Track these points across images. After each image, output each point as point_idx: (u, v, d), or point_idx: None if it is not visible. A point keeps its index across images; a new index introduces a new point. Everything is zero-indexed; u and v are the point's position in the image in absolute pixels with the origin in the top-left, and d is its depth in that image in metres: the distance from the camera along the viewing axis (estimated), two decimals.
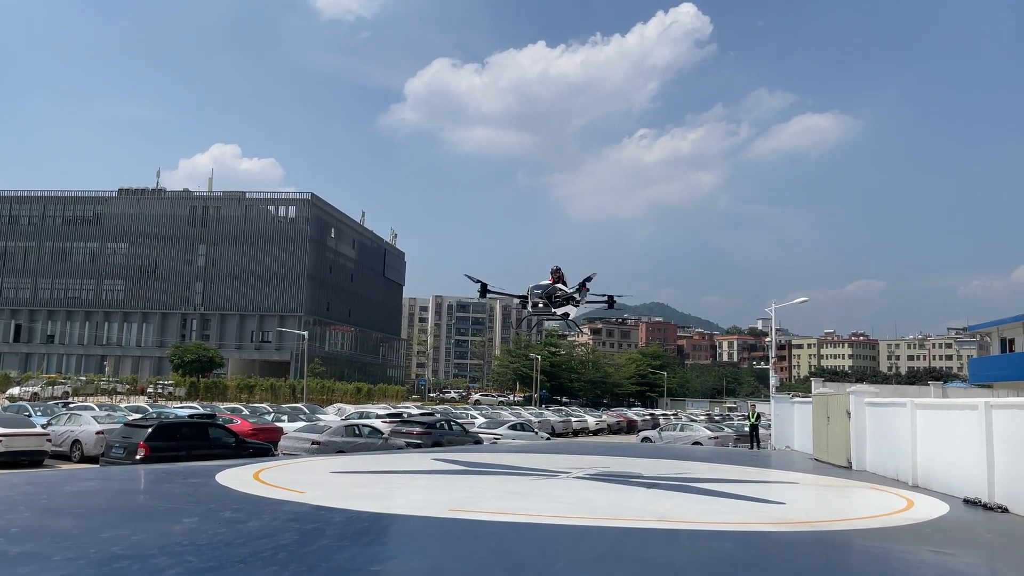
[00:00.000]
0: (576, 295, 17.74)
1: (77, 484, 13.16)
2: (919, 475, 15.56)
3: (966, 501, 12.83)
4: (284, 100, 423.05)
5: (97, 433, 22.93)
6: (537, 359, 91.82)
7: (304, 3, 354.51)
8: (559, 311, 17.86)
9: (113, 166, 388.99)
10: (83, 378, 68.84)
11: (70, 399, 51.98)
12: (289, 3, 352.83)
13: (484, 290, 17.91)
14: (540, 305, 17.59)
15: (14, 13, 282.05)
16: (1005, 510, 11.83)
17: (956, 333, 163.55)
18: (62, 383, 64.38)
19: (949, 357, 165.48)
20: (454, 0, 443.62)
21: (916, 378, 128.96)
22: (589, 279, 17.78)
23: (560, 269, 18.07)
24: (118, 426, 21.66)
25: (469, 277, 18.05)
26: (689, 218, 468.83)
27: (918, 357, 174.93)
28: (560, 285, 17.69)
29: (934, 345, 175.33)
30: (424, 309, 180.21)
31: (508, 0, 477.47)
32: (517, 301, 18.33)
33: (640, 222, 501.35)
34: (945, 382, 68.60)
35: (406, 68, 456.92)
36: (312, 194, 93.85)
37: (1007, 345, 44.51)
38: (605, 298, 18.54)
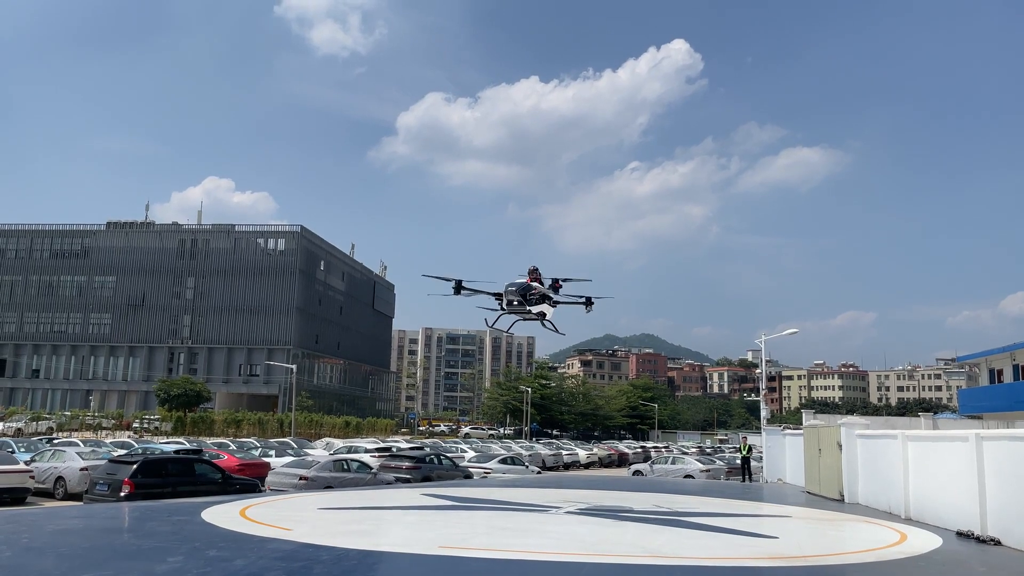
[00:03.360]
0: (550, 293, 17.75)
1: (60, 522, 12.94)
2: (912, 508, 15.49)
3: (959, 534, 12.77)
4: (278, 134, 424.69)
5: (81, 470, 22.57)
6: (527, 392, 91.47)
7: (300, 40, 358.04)
8: (535, 309, 17.83)
9: (103, 200, 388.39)
10: (68, 413, 68.04)
11: (54, 435, 51.36)
12: (284, 40, 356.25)
13: (459, 287, 17.84)
14: (515, 303, 17.57)
15: (6, 47, 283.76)
16: (998, 543, 11.77)
17: (945, 364, 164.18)
18: (46, 418, 63.62)
19: (938, 388, 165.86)
20: (448, 36, 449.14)
21: (906, 409, 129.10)
22: (557, 281, 17.83)
23: (537, 269, 18.12)
24: (103, 462, 21.31)
25: (441, 277, 17.95)
26: (680, 250, 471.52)
27: (908, 388, 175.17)
28: (536, 284, 17.71)
29: (923, 376, 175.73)
30: (414, 341, 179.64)
31: (501, 36, 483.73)
32: (494, 298, 18.19)
33: (631, 254, 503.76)
34: (935, 413, 68.67)
35: (399, 102, 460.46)
36: (301, 227, 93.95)
37: (996, 376, 44.66)
38: (583, 299, 18.52)
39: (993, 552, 11.35)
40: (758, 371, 55.50)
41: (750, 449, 32.44)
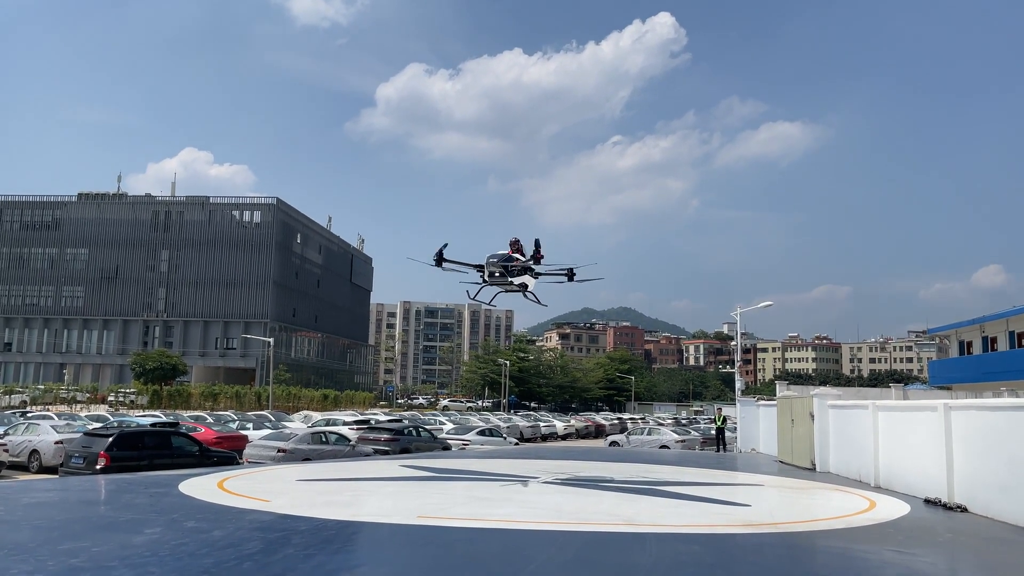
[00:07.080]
0: (532, 264, 17.76)
1: (35, 495, 12.86)
2: (881, 476, 15.82)
3: (927, 501, 13.07)
4: (257, 106, 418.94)
5: (56, 443, 22.43)
6: (506, 364, 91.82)
7: (279, 10, 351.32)
8: (516, 281, 17.81)
9: (75, 171, 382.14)
10: (41, 387, 67.32)
11: (28, 408, 50.84)
12: (264, 10, 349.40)
13: (440, 259, 17.79)
14: (497, 274, 17.55)
15: None
16: (964, 509, 12.08)
17: (916, 336, 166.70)
18: (19, 392, 62.93)
19: (910, 360, 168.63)
20: (431, 7, 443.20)
21: (878, 380, 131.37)
22: (538, 246, 17.88)
23: (519, 241, 18.06)
24: (78, 435, 21.18)
25: (442, 253, 17.84)
26: (658, 224, 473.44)
27: (880, 360, 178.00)
28: (518, 255, 17.70)
29: (895, 348, 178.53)
30: (392, 315, 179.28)
31: (485, 8, 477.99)
32: (475, 271, 18.13)
33: (610, 228, 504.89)
34: (906, 384, 69.89)
35: (379, 73, 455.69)
36: (278, 199, 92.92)
37: (965, 348, 45.45)
38: (565, 270, 18.56)
39: (959, 519, 11.64)
40: (733, 343, 56.10)
41: (724, 420, 32.86)
